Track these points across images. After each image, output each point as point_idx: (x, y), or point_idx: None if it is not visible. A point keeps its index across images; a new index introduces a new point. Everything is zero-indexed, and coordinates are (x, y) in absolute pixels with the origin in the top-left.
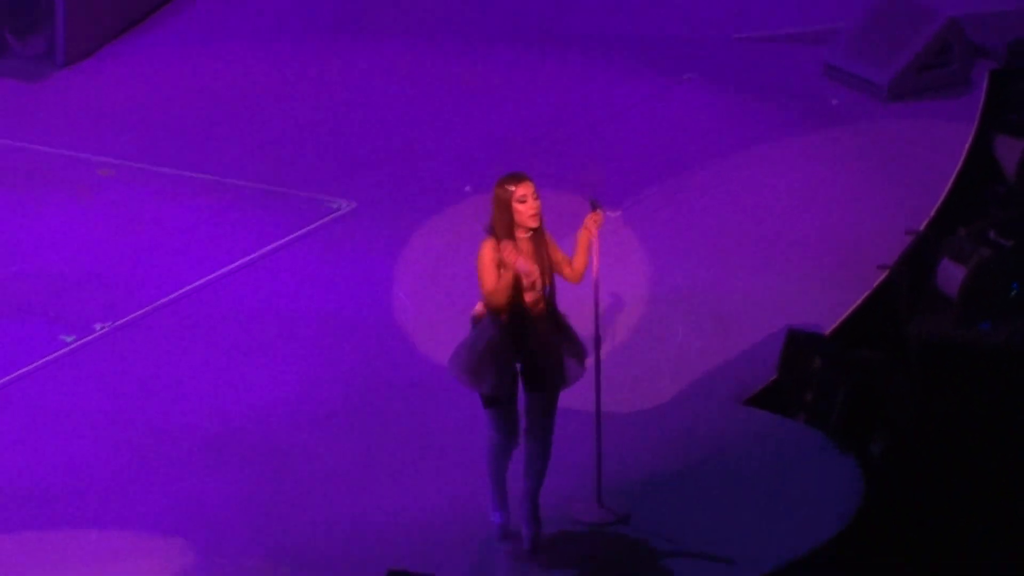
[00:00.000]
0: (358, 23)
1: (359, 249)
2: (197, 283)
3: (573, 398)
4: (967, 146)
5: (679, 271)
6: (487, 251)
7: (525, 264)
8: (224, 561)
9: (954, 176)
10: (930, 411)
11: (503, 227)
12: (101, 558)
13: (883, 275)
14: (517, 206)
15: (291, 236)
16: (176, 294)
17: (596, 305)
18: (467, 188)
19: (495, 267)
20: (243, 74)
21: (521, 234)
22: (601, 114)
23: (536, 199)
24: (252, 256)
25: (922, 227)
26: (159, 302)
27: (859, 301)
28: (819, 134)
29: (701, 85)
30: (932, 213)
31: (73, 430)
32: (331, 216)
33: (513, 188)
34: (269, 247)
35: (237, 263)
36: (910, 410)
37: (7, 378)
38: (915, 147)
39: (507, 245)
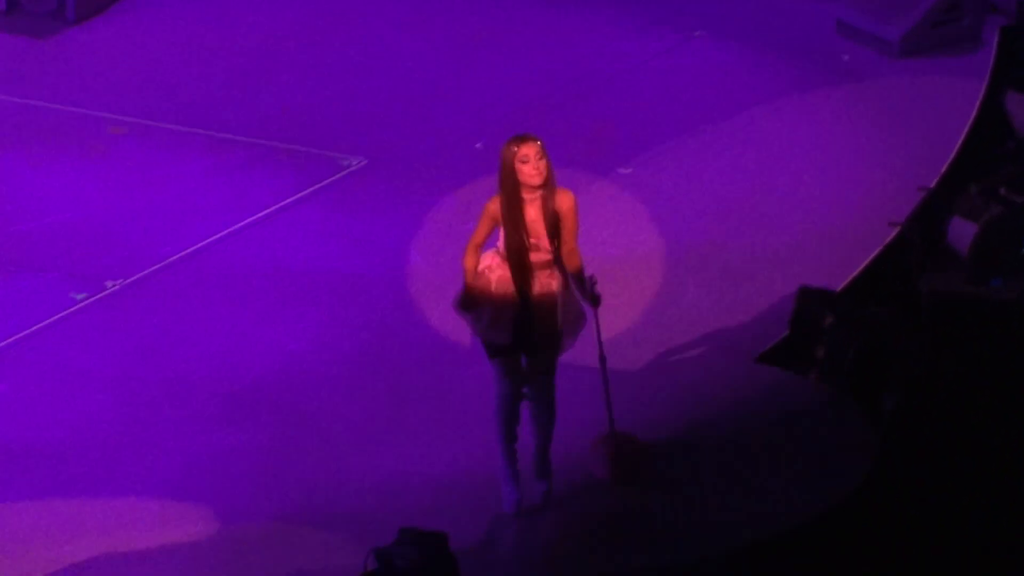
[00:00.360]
0: None
1: (370, 206)
2: (208, 240)
3: (586, 355)
4: (978, 102)
5: (690, 228)
6: (488, 206)
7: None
8: (236, 518)
9: (965, 133)
10: (941, 367)
11: (508, 186)
12: (113, 515)
13: (894, 232)
14: (519, 166)
15: (302, 193)
16: (187, 251)
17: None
18: (478, 145)
19: (487, 222)
20: (254, 30)
21: (526, 194)
22: (612, 70)
23: (541, 159)
24: (263, 213)
25: (933, 184)
26: (170, 259)
27: (870, 258)
28: (830, 91)
29: (712, 41)
30: (943, 170)
31: (84, 387)
32: (342, 173)
33: (516, 148)
34: (280, 204)
35: (248, 220)
36: (921, 366)
37: (18, 335)
38: (926, 103)
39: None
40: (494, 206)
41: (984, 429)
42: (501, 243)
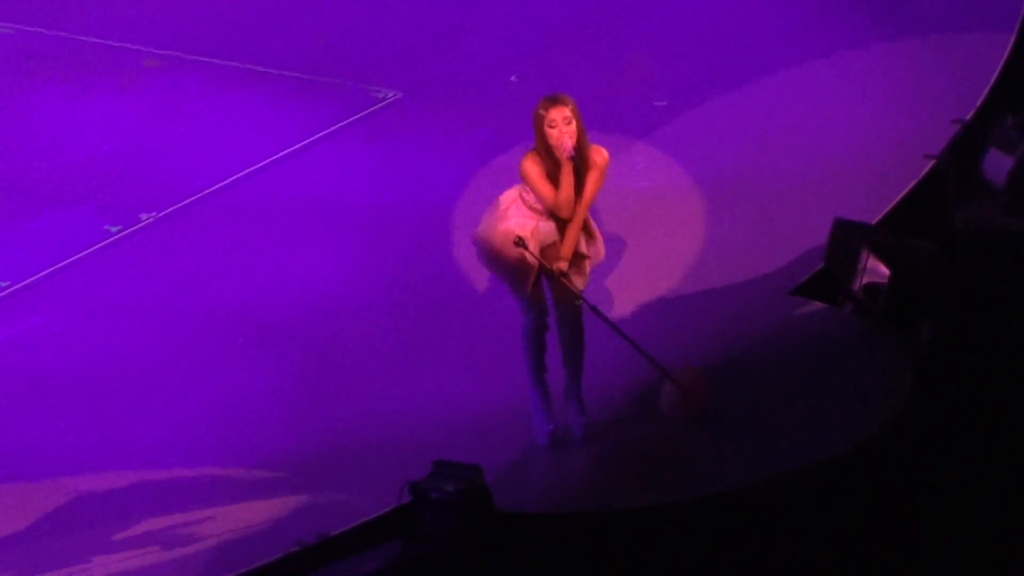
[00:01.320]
0: None
1: (405, 139)
2: (242, 173)
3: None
4: (1014, 34)
5: (725, 161)
6: (529, 166)
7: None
8: (269, 451)
9: (1001, 65)
10: (977, 299)
11: (539, 144)
12: (146, 447)
13: (930, 165)
14: (547, 130)
15: (338, 125)
16: (221, 184)
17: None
18: (513, 78)
19: (545, 178)
20: None
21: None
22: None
23: (569, 123)
24: (298, 146)
25: (969, 116)
26: (204, 192)
27: (906, 191)
28: (866, 23)
29: None
30: (979, 102)
31: (118, 320)
32: (378, 105)
33: (544, 112)
34: (316, 136)
35: (283, 153)
36: (957, 299)
37: (52, 268)
38: (962, 35)
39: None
40: (530, 167)
41: (1019, 363)
42: (530, 195)
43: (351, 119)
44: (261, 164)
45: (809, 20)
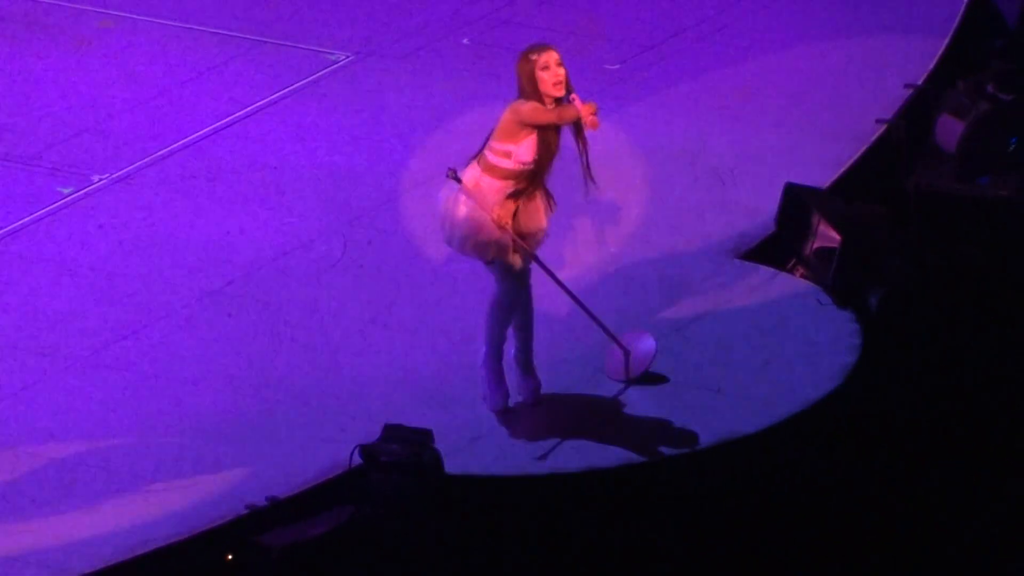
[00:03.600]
0: None
1: (356, 102)
2: (195, 136)
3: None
4: None
5: (678, 125)
6: (528, 104)
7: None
8: (220, 414)
9: (953, 29)
10: (928, 264)
11: (531, 96)
12: (96, 411)
13: (881, 129)
14: (540, 74)
15: (289, 88)
16: (173, 146)
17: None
18: (465, 41)
19: (544, 111)
20: None
21: (547, 102)
22: None
23: (560, 67)
24: (250, 108)
25: (921, 81)
26: (156, 154)
27: (857, 155)
28: None
29: None
30: (931, 67)
31: (69, 282)
32: (330, 68)
33: (535, 56)
34: (267, 100)
35: (235, 115)
36: (908, 264)
37: (4, 229)
38: (914, 0)
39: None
40: (533, 111)
41: (969, 328)
42: (508, 159)
43: (303, 81)
44: (214, 126)
45: None
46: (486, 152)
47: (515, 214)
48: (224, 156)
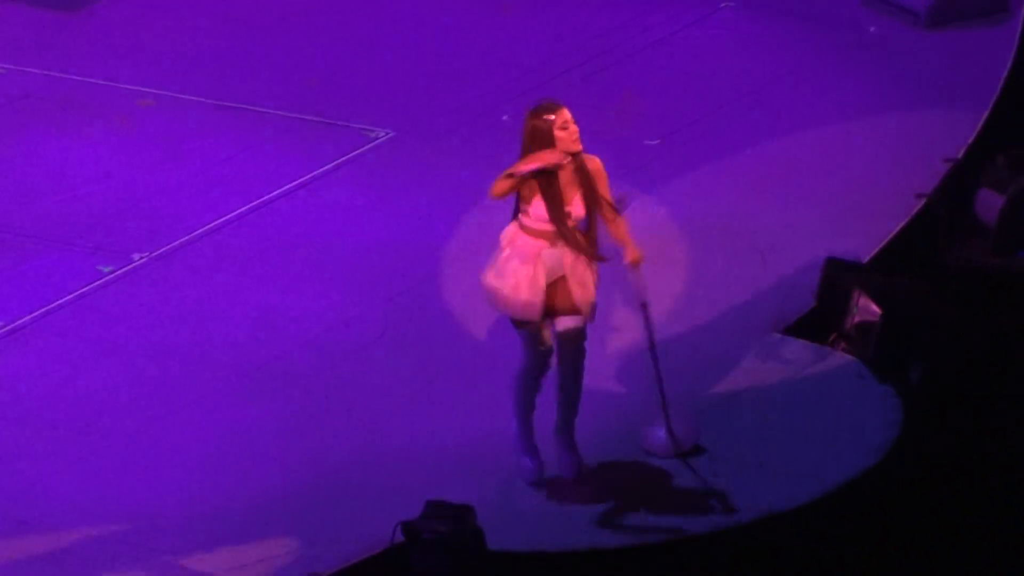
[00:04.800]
0: None
1: (397, 178)
2: (235, 213)
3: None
4: (1005, 73)
5: (717, 200)
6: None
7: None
8: (263, 491)
9: (992, 103)
10: (968, 339)
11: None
12: (140, 489)
13: (921, 203)
14: (559, 134)
15: (329, 166)
16: (214, 224)
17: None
18: (505, 117)
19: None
20: (280, 3)
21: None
22: (639, 41)
23: (574, 123)
24: (290, 186)
25: (960, 155)
26: (197, 232)
27: (897, 229)
28: (857, 62)
29: (739, 12)
30: (970, 141)
31: (110, 361)
32: (369, 145)
33: (552, 117)
34: (307, 177)
35: (275, 193)
36: (948, 338)
37: (45, 309)
38: (953, 74)
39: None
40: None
41: (1010, 401)
42: (530, 217)
43: (343, 159)
44: (254, 204)
45: (802, 61)
46: (520, 213)
47: (561, 283)
48: (264, 233)
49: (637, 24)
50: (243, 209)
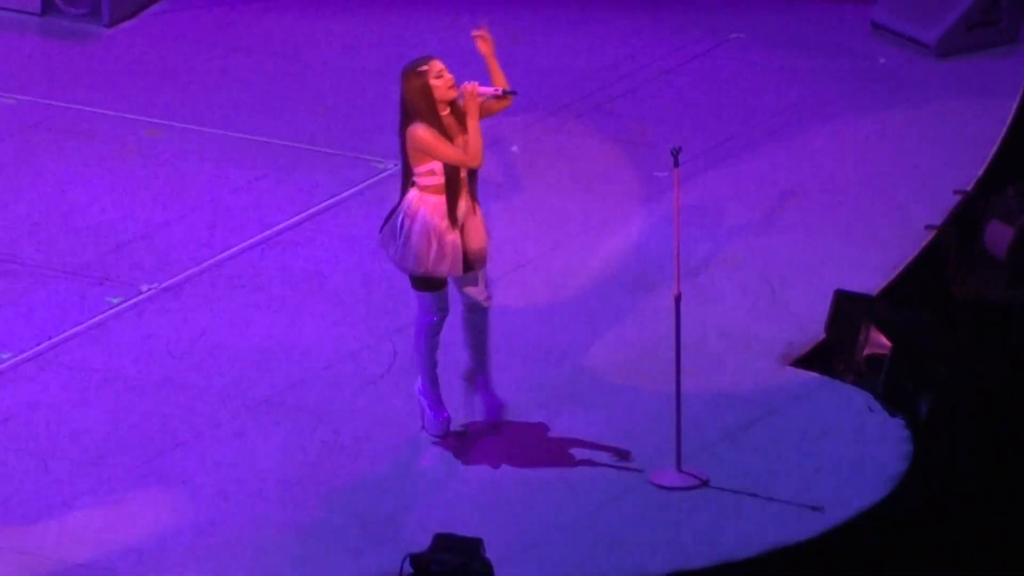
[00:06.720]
0: None
1: None
2: (243, 244)
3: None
4: (1016, 104)
5: (726, 231)
6: (422, 131)
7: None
8: (270, 522)
9: (1003, 135)
10: (977, 372)
11: (426, 111)
12: (146, 520)
13: (931, 235)
14: (435, 82)
15: (338, 197)
16: (222, 255)
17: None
18: (514, 148)
19: (442, 138)
20: (288, 33)
21: (443, 111)
22: (648, 73)
23: (447, 71)
24: (299, 217)
25: (970, 187)
26: (205, 263)
27: (907, 261)
28: (867, 93)
29: (748, 44)
30: (980, 173)
31: (118, 392)
32: (377, 176)
33: (425, 67)
34: (316, 208)
35: (284, 224)
36: (957, 371)
37: (53, 340)
38: (963, 106)
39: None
40: (426, 132)
41: (1021, 434)
42: (425, 177)
43: (352, 190)
44: (262, 235)
45: (811, 92)
46: (414, 179)
47: (461, 231)
48: (273, 265)
49: (646, 55)
50: (252, 240)
